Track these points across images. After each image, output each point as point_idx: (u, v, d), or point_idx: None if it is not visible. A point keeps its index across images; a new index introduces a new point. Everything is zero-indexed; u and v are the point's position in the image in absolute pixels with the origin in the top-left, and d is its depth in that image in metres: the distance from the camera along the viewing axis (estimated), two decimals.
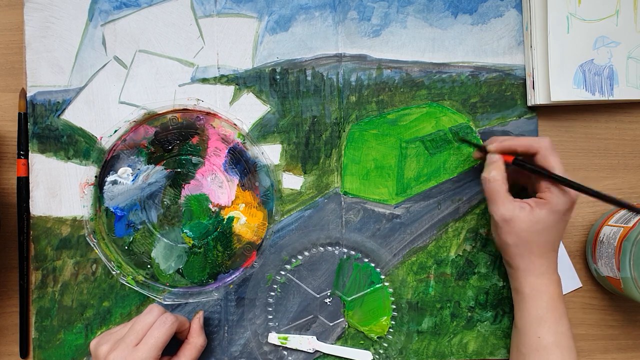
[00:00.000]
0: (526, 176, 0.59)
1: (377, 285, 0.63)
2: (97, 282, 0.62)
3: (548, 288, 0.55)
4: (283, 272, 0.63)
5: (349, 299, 0.63)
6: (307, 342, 0.62)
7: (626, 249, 0.56)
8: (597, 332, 0.64)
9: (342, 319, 0.63)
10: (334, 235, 0.63)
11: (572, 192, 0.53)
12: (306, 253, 0.63)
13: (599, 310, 0.64)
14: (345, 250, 0.63)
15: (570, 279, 0.64)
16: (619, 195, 0.64)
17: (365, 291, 0.63)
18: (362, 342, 0.63)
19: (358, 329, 0.63)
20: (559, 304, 0.55)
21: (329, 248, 0.63)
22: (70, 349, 0.62)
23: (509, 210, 0.54)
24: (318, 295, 0.63)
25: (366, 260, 0.63)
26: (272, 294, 0.63)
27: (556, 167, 0.54)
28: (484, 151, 0.59)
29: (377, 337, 0.63)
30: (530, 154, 0.56)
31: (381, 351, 0.63)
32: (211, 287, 0.62)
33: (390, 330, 0.63)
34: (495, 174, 0.55)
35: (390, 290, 0.63)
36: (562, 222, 0.55)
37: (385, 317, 0.63)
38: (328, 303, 0.63)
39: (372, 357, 0.63)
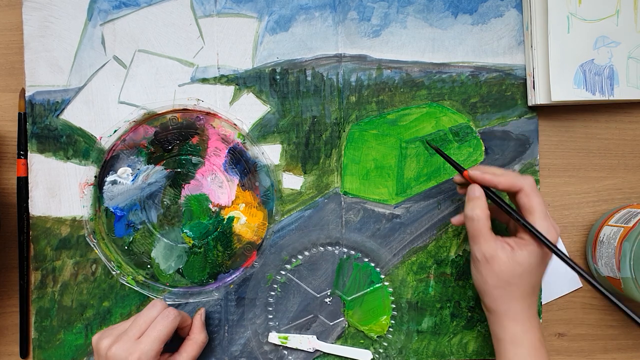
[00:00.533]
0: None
1: (377, 285, 0.63)
2: (97, 282, 0.62)
3: (529, 335, 0.53)
4: (283, 272, 0.63)
5: (349, 298, 0.63)
6: (307, 342, 0.62)
7: (626, 249, 0.56)
8: (597, 332, 0.64)
9: (342, 318, 0.63)
10: (334, 235, 0.63)
11: (553, 234, 0.51)
12: (306, 253, 0.63)
13: (599, 310, 0.64)
14: (345, 250, 0.63)
15: (570, 279, 0.64)
16: (619, 196, 0.64)
17: (365, 291, 0.63)
18: (362, 341, 0.63)
19: (358, 329, 0.63)
20: (541, 351, 0.53)
21: (329, 248, 0.63)
22: (70, 349, 0.62)
23: (492, 249, 0.52)
24: (318, 295, 0.63)
25: (366, 260, 0.63)
26: (272, 293, 0.63)
27: (536, 209, 0.52)
28: (460, 171, 0.57)
29: (377, 337, 0.63)
30: (512, 192, 0.53)
31: (381, 350, 0.63)
32: (211, 287, 0.62)
33: (390, 329, 0.63)
34: (479, 212, 0.52)
35: (390, 289, 0.63)
36: (542, 265, 0.53)
37: (385, 317, 0.63)
38: (328, 303, 0.63)
39: (372, 357, 0.63)
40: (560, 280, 0.63)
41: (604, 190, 0.64)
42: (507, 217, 0.57)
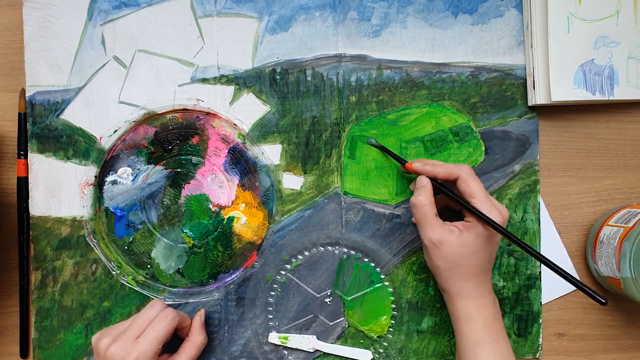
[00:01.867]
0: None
1: (377, 285, 0.63)
2: (97, 282, 0.62)
3: (481, 311, 0.55)
4: (283, 272, 0.63)
5: (349, 298, 0.63)
6: (307, 342, 0.62)
7: (626, 249, 0.56)
8: (597, 332, 0.64)
9: (342, 318, 0.63)
10: (334, 235, 0.63)
11: (496, 214, 0.54)
12: (306, 253, 0.63)
13: (598, 310, 0.64)
14: (345, 250, 0.63)
15: None
16: (619, 196, 0.64)
17: (365, 291, 0.63)
18: (362, 341, 0.63)
19: (358, 329, 0.63)
20: (496, 325, 0.55)
21: (329, 248, 0.63)
22: (70, 349, 0.62)
23: (438, 234, 0.54)
24: (318, 295, 0.63)
25: (366, 260, 0.63)
26: (272, 293, 0.63)
27: (476, 193, 0.54)
28: (402, 163, 0.59)
29: (377, 337, 0.63)
30: (451, 179, 0.56)
31: (381, 350, 0.63)
32: (211, 287, 0.62)
33: (390, 329, 0.63)
34: (422, 199, 0.55)
35: (390, 289, 0.63)
36: (490, 245, 0.55)
37: (385, 317, 0.63)
38: (328, 303, 0.63)
39: (372, 357, 0.63)
40: (560, 280, 0.63)
41: (604, 190, 0.64)
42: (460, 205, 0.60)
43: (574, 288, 0.64)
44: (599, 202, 0.64)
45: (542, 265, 0.63)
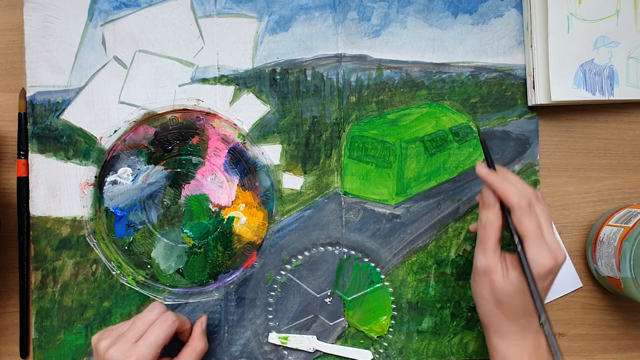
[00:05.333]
0: None
1: (377, 285, 0.63)
2: (97, 282, 0.62)
3: (522, 356, 0.51)
4: (283, 272, 0.63)
5: (349, 298, 0.63)
6: (307, 342, 0.62)
7: (626, 249, 0.56)
8: (597, 332, 0.64)
9: (342, 318, 0.63)
10: (334, 235, 0.63)
11: (545, 259, 0.49)
12: (306, 253, 0.63)
13: (599, 310, 0.64)
14: (345, 250, 0.63)
15: (570, 279, 0.64)
16: (619, 196, 0.64)
17: (365, 291, 0.63)
18: (362, 341, 0.63)
19: (358, 329, 0.63)
20: None
21: (329, 248, 0.63)
22: (70, 349, 0.62)
23: (492, 262, 0.50)
24: (318, 295, 0.63)
25: (366, 260, 0.63)
26: (273, 293, 0.63)
27: (528, 234, 0.49)
28: (491, 166, 0.54)
29: (377, 337, 0.63)
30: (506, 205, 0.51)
31: (381, 350, 0.63)
32: (211, 287, 0.62)
33: (390, 329, 0.63)
34: (492, 220, 0.51)
35: (390, 290, 0.63)
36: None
37: (385, 317, 0.63)
38: (328, 303, 0.63)
39: (372, 357, 0.63)
40: (560, 280, 0.63)
41: (604, 190, 0.64)
42: None
43: (574, 288, 0.64)
44: (599, 202, 0.64)
45: None
